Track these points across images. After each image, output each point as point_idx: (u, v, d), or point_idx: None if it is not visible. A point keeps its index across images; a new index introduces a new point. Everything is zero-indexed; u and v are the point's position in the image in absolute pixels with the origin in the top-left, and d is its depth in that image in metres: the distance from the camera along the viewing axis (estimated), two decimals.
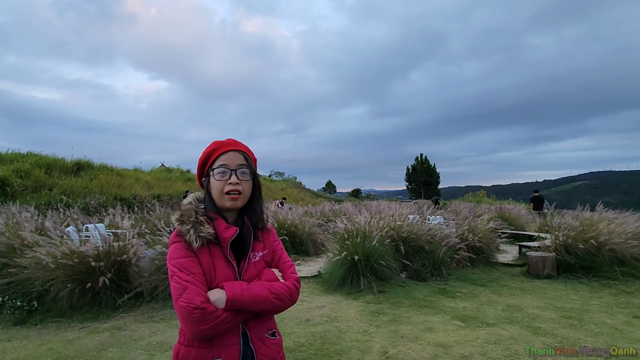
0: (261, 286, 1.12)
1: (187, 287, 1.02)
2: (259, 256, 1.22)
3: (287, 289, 1.17)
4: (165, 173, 21.68)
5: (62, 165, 14.07)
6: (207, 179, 1.20)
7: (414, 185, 40.39)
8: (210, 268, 1.11)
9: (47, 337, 3.48)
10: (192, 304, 1.00)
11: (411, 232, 5.93)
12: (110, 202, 12.52)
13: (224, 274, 1.12)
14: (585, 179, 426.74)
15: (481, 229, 6.56)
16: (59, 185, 12.00)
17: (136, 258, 4.40)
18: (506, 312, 4.06)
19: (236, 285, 1.09)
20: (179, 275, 1.04)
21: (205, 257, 1.11)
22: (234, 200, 1.15)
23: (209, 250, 1.13)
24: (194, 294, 1.02)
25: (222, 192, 1.14)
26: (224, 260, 1.14)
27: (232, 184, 1.14)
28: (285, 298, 1.15)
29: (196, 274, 1.07)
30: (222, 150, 1.18)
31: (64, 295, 4.00)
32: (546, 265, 5.74)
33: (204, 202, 1.21)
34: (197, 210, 1.16)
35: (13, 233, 4.54)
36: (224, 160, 1.16)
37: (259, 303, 1.10)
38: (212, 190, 1.17)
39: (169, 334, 3.51)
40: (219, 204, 1.17)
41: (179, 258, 1.08)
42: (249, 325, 1.14)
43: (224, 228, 1.14)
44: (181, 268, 1.06)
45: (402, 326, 3.61)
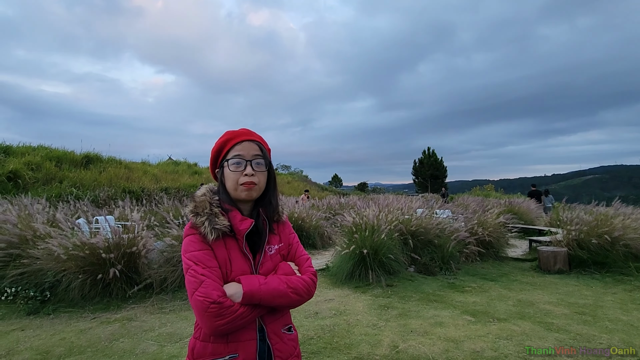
0: (278, 280, 1.10)
1: (203, 281, 1.00)
2: (275, 249, 1.19)
3: (304, 283, 1.14)
4: (173, 166, 21.82)
5: (72, 158, 14.22)
6: (220, 170, 1.17)
7: (421, 179, 40.08)
8: (226, 261, 1.08)
9: (60, 327, 3.53)
10: (208, 298, 0.97)
11: (420, 225, 5.87)
12: (119, 194, 12.65)
13: (240, 268, 1.09)
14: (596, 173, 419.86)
15: (491, 223, 6.48)
16: (69, 178, 12.13)
17: (145, 250, 4.43)
18: (517, 307, 4.01)
19: (253, 279, 1.07)
20: (194, 269, 1.02)
21: (220, 250, 1.08)
22: (249, 191, 1.11)
23: (225, 243, 1.10)
24: (211, 287, 0.99)
25: (237, 184, 1.11)
26: (239, 253, 1.11)
27: (247, 175, 1.10)
28: (302, 292, 1.13)
29: (212, 267, 1.04)
30: (237, 141, 1.14)
31: (76, 286, 4.05)
32: (557, 260, 5.65)
33: (218, 194, 1.17)
34: (212, 201, 1.13)
35: (25, 224, 4.60)
36: (239, 151, 1.13)
37: (277, 297, 1.07)
38: (226, 181, 1.13)
39: (179, 325, 3.54)
40: (233, 196, 1.14)
41: (194, 251, 1.05)
42: (266, 321, 1.11)
43: (239, 220, 1.11)
44: (196, 261, 1.03)
45: (412, 320, 3.59)
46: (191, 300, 1.00)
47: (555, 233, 8.00)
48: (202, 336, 1.06)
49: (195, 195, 1.17)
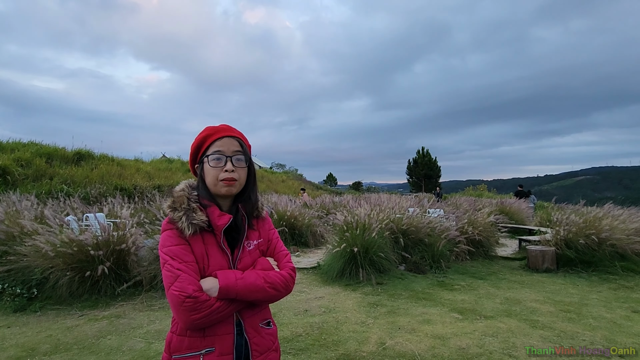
0: (256, 275, 1.11)
1: (179, 276, 1.00)
2: (254, 245, 1.20)
3: (282, 278, 1.15)
4: (166, 164, 21.65)
5: (63, 155, 14.04)
6: (200, 166, 1.17)
7: (415, 178, 40.31)
8: (203, 256, 1.08)
9: (47, 324, 3.50)
10: (184, 292, 0.98)
11: (411, 224, 5.91)
12: (110, 192, 12.52)
13: (218, 263, 1.10)
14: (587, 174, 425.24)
15: (481, 222, 6.54)
16: (60, 175, 11.99)
17: (135, 247, 4.40)
18: (504, 305, 4.06)
19: (230, 273, 1.07)
20: (170, 264, 1.02)
21: (198, 245, 1.09)
22: (229, 186, 1.12)
23: (202, 238, 1.10)
24: (186, 282, 0.99)
25: (217, 179, 1.11)
26: (217, 249, 1.11)
27: (227, 171, 1.11)
28: (280, 287, 1.14)
29: (188, 262, 1.04)
30: (217, 136, 1.14)
31: (64, 283, 4.02)
32: (546, 259, 5.72)
33: (197, 189, 1.17)
34: (190, 197, 1.13)
35: (13, 221, 4.55)
36: (219, 147, 1.13)
37: (254, 292, 1.08)
38: (206, 177, 1.13)
39: (168, 322, 3.53)
40: (213, 191, 1.14)
41: (171, 246, 1.05)
42: (244, 315, 1.12)
43: (217, 215, 1.11)
44: (173, 256, 1.03)
45: (400, 318, 3.62)
46: (167, 294, 1.00)
47: (545, 233, 8.12)
48: (179, 330, 1.07)
49: (174, 190, 1.17)
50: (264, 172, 34.37)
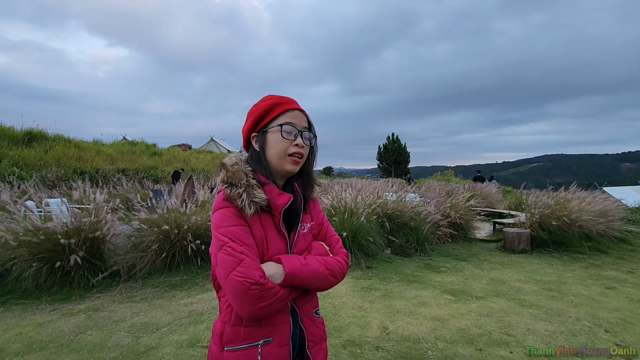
0: (318, 262, 1.03)
1: (242, 260, 0.90)
2: (308, 228, 1.11)
3: (340, 265, 1.08)
4: (129, 146, 20.40)
5: (12, 135, 12.79)
6: (262, 136, 1.04)
7: (385, 164, 41.03)
8: (262, 239, 0.99)
9: (13, 320, 3.13)
10: (249, 278, 0.88)
11: (396, 209, 5.94)
12: (69, 175, 11.60)
13: (276, 246, 1.01)
14: (540, 161, 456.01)
15: (462, 206, 6.72)
16: (9, 157, 10.91)
17: (111, 235, 4.05)
18: (491, 285, 4.19)
19: (294, 259, 0.99)
20: (231, 246, 0.91)
21: (257, 227, 0.99)
22: (296, 163, 1.02)
23: (260, 219, 1.00)
24: (252, 267, 0.90)
25: (285, 153, 1.01)
26: (275, 231, 1.02)
27: (298, 145, 1.01)
28: (338, 274, 1.06)
29: (250, 245, 0.95)
30: (288, 107, 1.04)
31: (29, 276, 3.62)
32: (521, 241, 6.00)
33: (253, 163, 1.06)
34: (246, 172, 1.02)
35: None
36: (291, 119, 1.03)
37: (317, 279, 1.01)
38: (270, 148, 1.02)
39: (154, 314, 3.28)
40: (275, 166, 1.03)
41: (230, 226, 0.94)
42: (298, 303, 1.05)
43: (277, 194, 1.01)
44: (233, 237, 0.93)
45: (396, 301, 3.61)
46: (226, 280, 0.90)
47: (515, 216, 8.53)
48: (233, 320, 0.98)
49: (226, 163, 1.03)
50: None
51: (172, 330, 2.95)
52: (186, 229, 4.43)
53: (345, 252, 1.14)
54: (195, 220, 4.48)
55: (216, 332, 1.01)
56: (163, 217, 4.48)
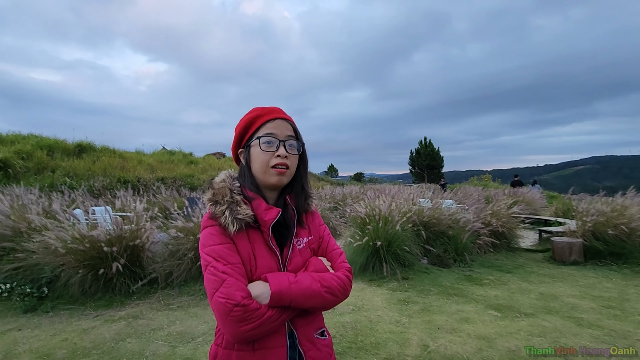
0: (311, 278, 0.96)
1: (224, 280, 0.87)
2: (305, 243, 1.05)
3: (339, 281, 1.00)
4: (168, 156, 21.36)
5: (64, 147, 13.76)
6: (246, 151, 1.02)
7: (418, 169, 40.04)
8: (250, 257, 0.94)
9: (60, 326, 3.28)
10: (231, 300, 0.84)
11: (432, 216, 5.69)
12: (114, 184, 12.28)
13: (266, 264, 0.96)
14: (587, 164, 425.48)
15: (504, 213, 6.32)
16: (62, 167, 11.72)
17: (150, 243, 4.17)
18: (541, 301, 3.85)
19: (282, 277, 0.93)
20: (214, 266, 0.88)
21: (243, 244, 0.94)
22: (280, 175, 0.97)
23: (248, 235, 0.96)
24: (234, 287, 0.86)
25: (268, 166, 0.97)
26: (265, 248, 0.97)
27: (280, 156, 0.97)
28: (338, 292, 0.98)
29: (234, 263, 0.91)
30: (268, 118, 1.00)
31: (76, 282, 3.79)
32: (573, 251, 5.52)
33: (241, 179, 1.03)
34: (232, 188, 0.99)
35: (19, 216, 4.30)
36: (271, 129, 0.99)
37: (309, 298, 0.93)
38: (253, 162, 0.99)
39: (189, 323, 3.31)
40: (261, 180, 0.99)
41: (214, 245, 0.91)
42: (296, 325, 0.98)
43: (264, 209, 0.96)
44: (217, 257, 0.89)
45: (436, 316, 3.41)
46: (211, 301, 0.87)
47: (563, 223, 7.90)
48: (225, 343, 0.94)
49: (214, 181, 1.02)
50: None
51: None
52: None
53: (348, 267, 1.06)
54: None
55: (211, 356, 0.97)
56: (199, 226, 4.56)
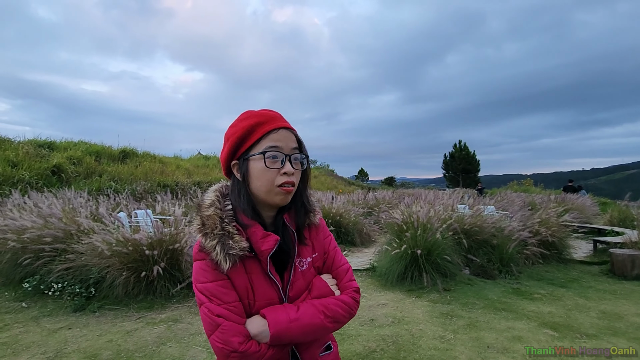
0: (313, 310, 0.88)
1: (220, 324, 0.81)
2: (308, 263, 0.95)
3: (346, 308, 0.92)
4: (204, 160, 22.11)
5: (110, 153, 14.62)
6: (244, 164, 0.88)
7: (452, 173, 38.64)
8: (247, 290, 0.86)
9: (106, 326, 3.39)
10: (228, 346, 0.80)
11: (474, 224, 5.38)
12: (154, 188, 12.85)
13: (266, 295, 0.88)
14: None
15: (554, 221, 5.85)
16: (108, 172, 12.44)
17: (188, 247, 4.25)
18: (603, 320, 3.49)
19: (281, 315, 0.85)
20: (208, 307, 0.82)
21: (240, 277, 0.86)
22: (287, 194, 0.87)
23: (244, 266, 0.86)
24: (230, 333, 0.81)
25: (273, 184, 0.85)
26: (263, 278, 0.88)
27: (287, 174, 0.86)
28: (343, 319, 0.92)
29: (230, 302, 0.84)
30: (271, 127, 0.86)
31: (120, 283, 3.92)
32: (636, 265, 4.99)
33: (234, 197, 0.90)
34: (223, 216, 0.87)
35: (70, 219, 4.55)
36: (276, 141, 0.86)
37: (311, 334, 0.88)
38: (254, 180, 0.86)
39: None
40: (262, 199, 0.88)
41: (207, 282, 0.84)
42: (300, 349, 0.92)
43: (260, 237, 0.86)
44: (210, 296, 0.83)
45: (484, 333, 3.17)
46: (209, 341, 0.84)
47: (621, 233, 7.21)
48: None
49: (202, 205, 0.90)
50: None
51: None
52: None
53: (355, 286, 0.98)
54: None
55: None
56: None
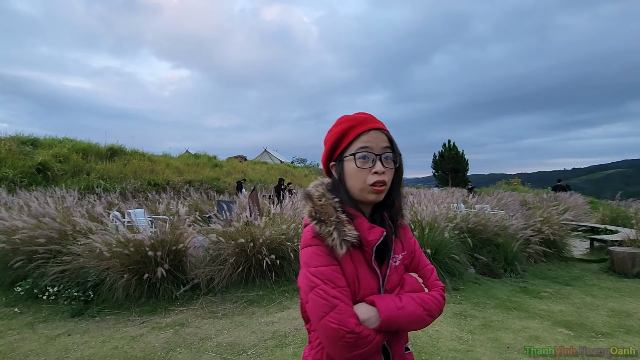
0: (414, 302, 0.92)
1: (336, 305, 0.84)
2: (399, 259, 1.00)
3: (437, 303, 0.96)
4: (193, 159, 21.72)
5: (97, 151, 14.16)
6: (339, 165, 0.97)
7: (442, 172, 39.10)
8: (354, 279, 0.91)
9: (108, 332, 3.21)
10: (345, 327, 0.83)
11: (478, 223, 5.37)
12: (145, 187, 12.52)
13: (369, 285, 0.93)
14: (619, 167, 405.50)
15: (556, 220, 5.91)
16: (96, 170, 12.04)
17: (192, 247, 4.09)
18: (614, 318, 3.51)
19: (390, 302, 0.89)
20: (323, 289, 0.85)
21: (348, 265, 0.91)
22: (379, 193, 0.93)
23: (350, 256, 0.91)
24: (346, 314, 0.84)
25: (365, 183, 0.92)
26: (367, 268, 0.93)
27: (377, 173, 0.91)
28: (436, 313, 0.96)
29: (343, 287, 0.88)
30: (363, 129, 0.94)
31: (120, 286, 3.74)
32: (636, 263, 5.08)
33: (335, 193, 0.96)
34: (335, 205, 0.93)
35: (64, 218, 4.32)
36: (366, 142, 0.93)
37: (414, 323, 0.92)
38: (348, 179, 0.94)
39: (237, 333, 3.18)
40: (357, 196, 0.95)
41: (321, 266, 0.88)
42: (391, 343, 0.95)
43: (367, 229, 0.92)
44: (325, 279, 0.86)
45: (501, 333, 3.13)
46: (318, 324, 0.85)
47: (615, 231, 7.36)
48: (327, 357, 0.92)
49: (312, 195, 0.96)
50: (287, 166, 34.14)
51: (259, 353, 2.80)
52: (261, 242, 4.35)
53: (441, 285, 1.03)
54: (270, 234, 4.39)
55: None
56: (238, 230, 4.46)
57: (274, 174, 25.23)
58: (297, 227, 4.78)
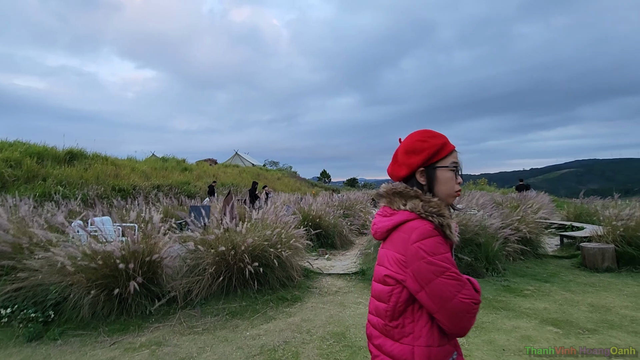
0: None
1: (465, 283, 0.99)
2: None
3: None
4: (161, 163, 20.77)
5: (54, 154, 13.12)
6: (432, 171, 1.11)
7: None
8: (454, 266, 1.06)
9: (73, 356, 2.86)
10: (474, 299, 0.98)
11: (459, 222, 5.41)
12: (108, 192, 11.74)
13: None
14: (571, 167, 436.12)
15: (531, 219, 6.09)
16: (53, 175, 11.12)
17: (167, 258, 3.78)
18: (595, 313, 3.60)
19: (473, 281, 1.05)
20: (454, 271, 0.98)
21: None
22: (456, 197, 1.14)
23: None
24: (471, 289, 1.00)
25: (453, 190, 1.11)
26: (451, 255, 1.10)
27: (459, 183, 1.13)
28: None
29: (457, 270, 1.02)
30: (453, 147, 1.14)
31: (86, 303, 3.36)
32: (606, 258, 5.31)
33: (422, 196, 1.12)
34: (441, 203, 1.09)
35: (19, 230, 3.85)
36: (456, 158, 1.13)
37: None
38: (440, 185, 1.11)
39: (222, 350, 2.93)
40: (442, 200, 1.10)
41: (445, 253, 1.00)
42: None
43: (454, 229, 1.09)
44: (451, 264, 0.99)
45: (494, 335, 3.10)
46: (448, 304, 0.96)
47: (580, 228, 7.74)
48: (438, 340, 1.01)
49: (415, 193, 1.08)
50: (259, 169, 33.54)
51: None
52: (243, 249, 4.11)
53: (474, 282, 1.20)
54: (253, 241, 4.16)
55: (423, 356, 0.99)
56: (218, 238, 4.19)
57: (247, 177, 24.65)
58: (281, 232, 4.57)
